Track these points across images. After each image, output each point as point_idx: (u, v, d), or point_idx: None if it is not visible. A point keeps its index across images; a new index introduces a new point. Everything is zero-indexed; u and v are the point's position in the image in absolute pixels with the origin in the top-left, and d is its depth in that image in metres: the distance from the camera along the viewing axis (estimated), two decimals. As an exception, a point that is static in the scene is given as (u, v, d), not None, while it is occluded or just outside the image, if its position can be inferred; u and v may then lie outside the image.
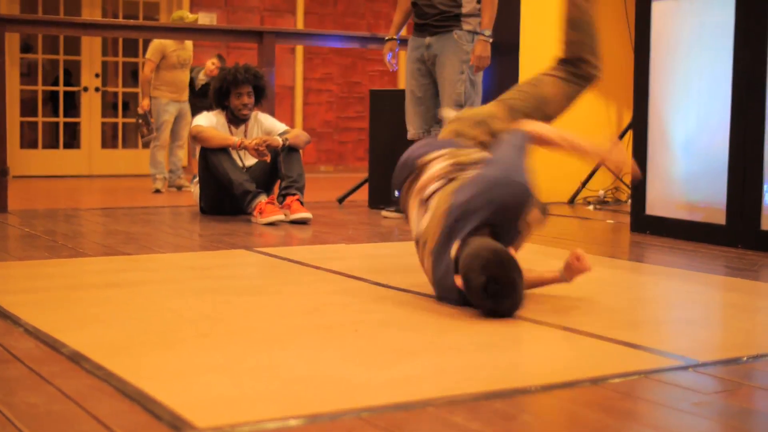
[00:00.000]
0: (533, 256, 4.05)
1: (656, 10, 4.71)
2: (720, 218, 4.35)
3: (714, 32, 4.40)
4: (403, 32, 5.73)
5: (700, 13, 4.50)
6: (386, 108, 6.12)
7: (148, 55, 8.16)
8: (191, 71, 8.48)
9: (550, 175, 6.66)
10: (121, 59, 10.64)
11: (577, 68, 3.32)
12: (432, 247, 2.80)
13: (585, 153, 3.13)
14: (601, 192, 6.70)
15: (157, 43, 8.08)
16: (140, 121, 7.93)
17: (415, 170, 3.03)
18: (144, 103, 7.99)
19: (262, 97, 5.66)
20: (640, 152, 4.79)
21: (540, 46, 6.57)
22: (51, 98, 10.59)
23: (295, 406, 1.78)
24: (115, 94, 10.72)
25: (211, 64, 8.60)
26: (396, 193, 3.29)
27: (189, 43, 8.20)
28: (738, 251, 4.17)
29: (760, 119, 4.15)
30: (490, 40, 5.15)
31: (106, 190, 8.24)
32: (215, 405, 1.79)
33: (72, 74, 10.55)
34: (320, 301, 2.91)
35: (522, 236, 2.87)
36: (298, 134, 5.62)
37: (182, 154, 8.43)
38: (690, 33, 4.56)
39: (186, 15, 8.17)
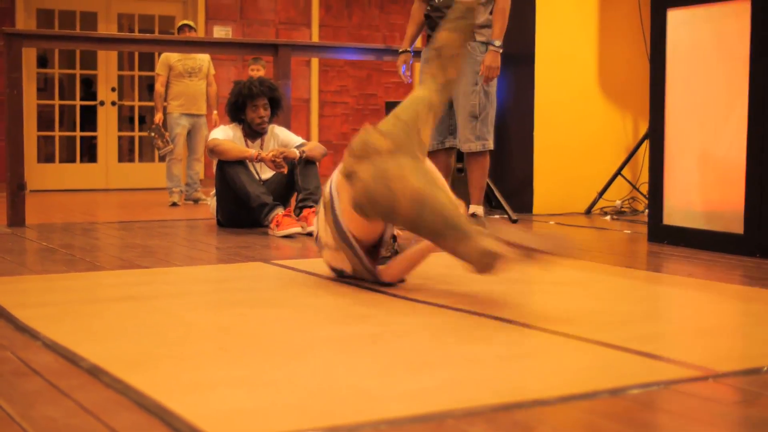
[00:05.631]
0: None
1: (672, 18, 4.70)
2: (738, 227, 4.32)
3: (730, 41, 4.38)
4: (417, 44, 5.74)
5: (716, 21, 4.48)
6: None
7: (156, 70, 8.25)
8: None
9: (567, 186, 6.67)
10: (137, 73, 10.71)
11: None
12: None
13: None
14: (618, 202, 6.68)
15: (162, 57, 8.15)
16: (153, 134, 7.96)
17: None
18: (156, 117, 8.04)
19: (278, 109, 5.68)
20: (656, 162, 4.78)
21: (556, 57, 6.59)
22: (68, 112, 10.65)
23: (314, 419, 1.78)
24: (132, 108, 10.78)
25: (255, 71, 8.66)
26: None
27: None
28: (756, 260, 4.15)
29: (778, 128, 4.13)
30: (500, 51, 5.15)
31: (122, 204, 8.27)
32: (233, 417, 1.78)
33: (90, 87, 10.62)
34: (337, 313, 2.91)
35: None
36: (314, 147, 5.63)
37: (199, 168, 8.46)
38: (706, 41, 4.54)
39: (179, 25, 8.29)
